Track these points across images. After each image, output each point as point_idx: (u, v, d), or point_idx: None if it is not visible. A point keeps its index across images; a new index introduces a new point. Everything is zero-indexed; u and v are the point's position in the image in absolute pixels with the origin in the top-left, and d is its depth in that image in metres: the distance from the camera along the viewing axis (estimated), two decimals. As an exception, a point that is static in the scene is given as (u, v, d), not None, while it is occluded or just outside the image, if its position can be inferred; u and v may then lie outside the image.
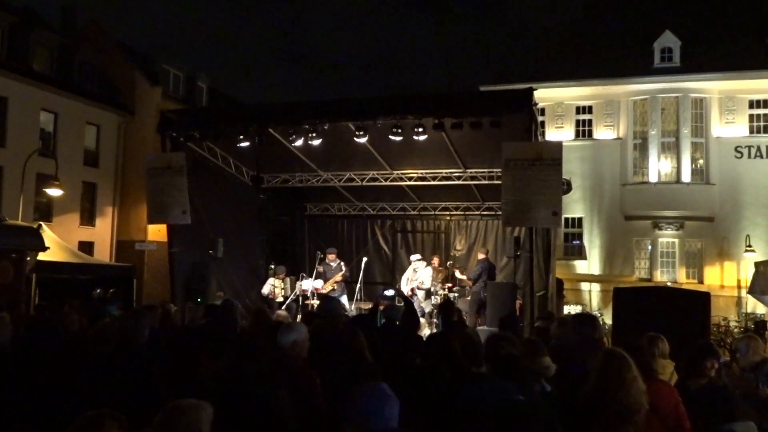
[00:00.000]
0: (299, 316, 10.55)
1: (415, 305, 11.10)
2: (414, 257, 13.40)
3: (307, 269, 14.53)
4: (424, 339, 6.01)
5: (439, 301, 12.52)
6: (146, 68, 25.13)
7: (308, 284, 13.13)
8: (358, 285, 13.02)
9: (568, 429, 2.97)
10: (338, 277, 13.14)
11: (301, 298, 12.94)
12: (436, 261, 14.03)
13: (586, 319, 4.82)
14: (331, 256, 13.45)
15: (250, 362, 3.72)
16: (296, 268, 14.70)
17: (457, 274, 13.40)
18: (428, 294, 12.91)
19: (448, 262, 14.35)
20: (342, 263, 13.38)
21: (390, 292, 13.14)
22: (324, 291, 12.89)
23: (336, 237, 16.65)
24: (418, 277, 13.04)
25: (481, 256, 13.31)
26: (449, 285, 13.56)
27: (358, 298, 12.97)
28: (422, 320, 10.45)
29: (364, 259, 13.64)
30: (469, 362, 3.77)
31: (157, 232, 19.71)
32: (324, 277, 13.24)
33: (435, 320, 11.49)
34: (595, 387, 3.28)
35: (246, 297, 13.44)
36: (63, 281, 13.42)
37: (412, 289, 12.89)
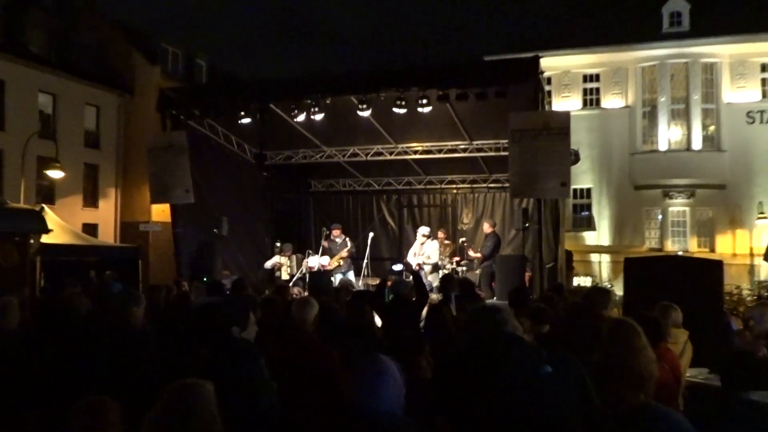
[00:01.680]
0: (305, 294, 10.46)
1: (423, 278, 10.82)
2: (421, 230, 13.28)
3: (313, 246, 14.50)
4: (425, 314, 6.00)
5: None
6: (144, 47, 24.95)
7: (314, 261, 13.05)
8: (365, 261, 13.01)
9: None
10: (344, 253, 13.09)
11: (307, 276, 12.90)
12: (442, 235, 14.00)
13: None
14: (336, 232, 13.39)
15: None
16: (302, 246, 14.72)
17: (471, 253, 13.28)
18: (435, 268, 12.83)
19: (461, 240, 14.34)
20: (347, 239, 13.28)
21: (398, 267, 12.71)
22: (330, 267, 12.86)
23: (341, 213, 16.63)
24: (424, 251, 12.93)
25: (488, 229, 13.23)
26: (457, 259, 13.56)
27: (366, 273, 12.98)
28: (433, 296, 10.57)
29: (371, 234, 13.53)
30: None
31: (161, 212, 19.60)
32: (330, 253, 13.19)
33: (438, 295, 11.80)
34: (606, 356, 3.29)
35: (252, 275, 13.48)
36: (68, 263, 13.41)
37: (419, 264, 12.82)
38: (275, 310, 4.76)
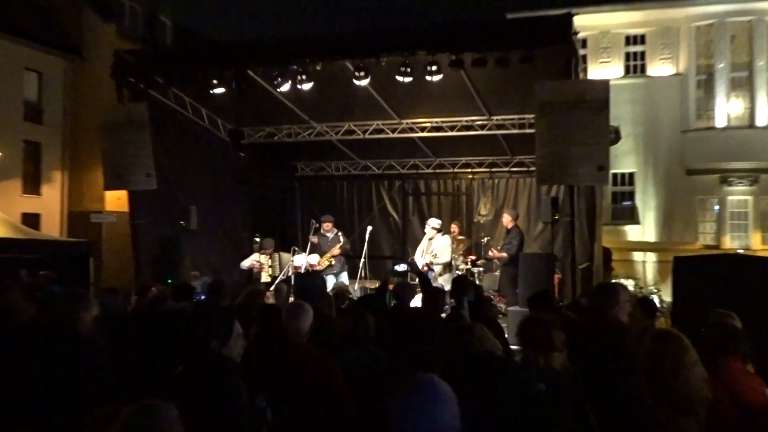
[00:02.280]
0: (291, 299, 10.49)
1: (433, 281, 11.24)
2: (430, 222, 13.25)
3: (300, 243, 14.73)
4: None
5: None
6: (97, 1, 24.88)
7: (301, 260, 13.08)
8: (362, 260, 13.05)
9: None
10: (336, 251, 13.15)
11: (293, 278, 12.87)
12: (455, 228, 14.08)
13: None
14: (327, 226, 13.36)
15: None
16: (287, 242, 14.77)
17: (494, 253, 13.14)
18: (447, 268, 12.85)
19: (483, 238, 14.34)
20: (340, 234, 13.40)
21: (401, 267, 12.86)
22: (319, 268, 12.96)
23: (334, 202, 16.73)
24: (433, 248, 12.93)
25: (509, 222, 13.12)
26: (472, 258, 13.61)
27: (363, 275, 13.03)
28: None
29: (369, 228, 13.66)
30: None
31: (116, 200, 19.72)
32: (319, 250, 13.25)
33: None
34: (648, 375, 3.33)
35: (227, 277, 13.47)
36: (3, 262, 13.26)
37: (427, 264, 12.88)
38: (274, 322, 4.80)
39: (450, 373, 3.22)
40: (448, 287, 11.53)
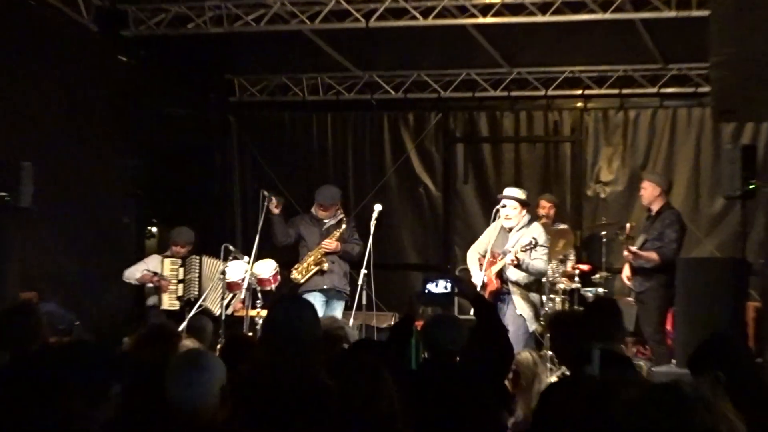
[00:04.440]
0: (220, 345, 10.36)
1: (508, 316, 10.66)
2: (509, 193, 11.72)
3: (239, 236, 14.63)
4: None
5: (565, 305, 12.49)
6: None
7: (238, 270, 12.02)
8: (362, 271, 11.93)
9: None
10: (331, 245, 12.15)
11: (270, 305, 11.86)
12: (547, 209, 13.49)
13: None
14: (324, 210, 12.45)
15: None
16: (214, 235, 14.00)
17: (631, 253, 12.11)
18: (534, 287, 11.59)
19: (607, 229, 13.48)
20: (340, 212, 12.57)
21: (440, 287, 10.15)
22: (300, 277, 12.18)
23: (306, 157, 16.00)
24: (513, 245, 11.30)
25: (655, 197, 12.21)
26: (582, 268, 13.05)
27: (362, 301, 11.99)
28: (528, 355, 9.14)
29: (377, 208, 12.13)
30: None
31: None
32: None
33: (553, 366, 11.05)
34: None
35: (90, 303, 12.74)
36: None
37: (499, 278, 11.34)
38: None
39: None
40: (532, 327, 11.52)
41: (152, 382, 4.85)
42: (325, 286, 11.97)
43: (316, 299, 11.55)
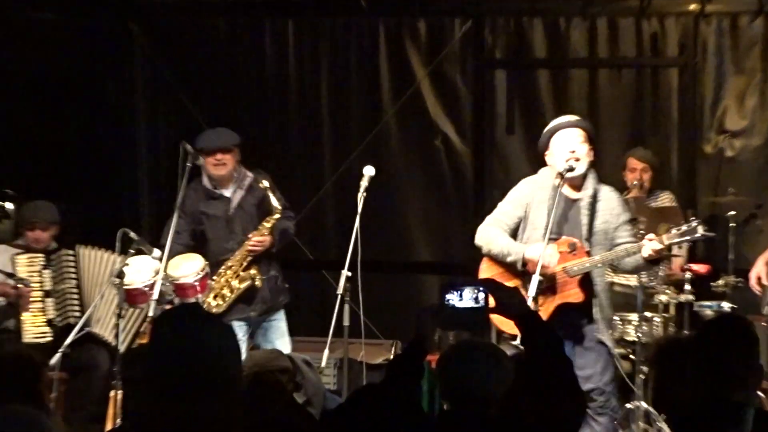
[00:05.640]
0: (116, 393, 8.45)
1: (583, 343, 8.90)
2: (571, 119, 9.74)
3: (145, 215, 12.50)
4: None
5: (669, 329, 10.76)
6: None
7: (144, 271, 9.70)
8: (344, 273, 9.34)
9: None
10: (264, 241, 9.75)
11: (131, 331, 10.41)
12: (641, 171, 11.25)
13: None
14: (218, 157, 9.95)
15: None
16: (112, 213, 12.16)
17: None
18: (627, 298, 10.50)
19: (737, 207, 11.15)
20: (261, 177, 9.92)
21: (466, 298, 6.19)
22: (216, 286, 9.88)
23: (250, 88, 12.83)
24: (580, 226, 8.95)
25: None
26: (697, 268, 10.60)
27: (346, 326, 9.49)
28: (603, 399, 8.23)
29: (368, 172, 9.63)
30: None
31: None
32: (216, 234, 10.12)
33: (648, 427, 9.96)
34: None
35: None
36: None
37: (581, 286, 9.15)
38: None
39: None
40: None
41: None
42: (252, 314, 9.43)
43: (241, 330, 9.32)
